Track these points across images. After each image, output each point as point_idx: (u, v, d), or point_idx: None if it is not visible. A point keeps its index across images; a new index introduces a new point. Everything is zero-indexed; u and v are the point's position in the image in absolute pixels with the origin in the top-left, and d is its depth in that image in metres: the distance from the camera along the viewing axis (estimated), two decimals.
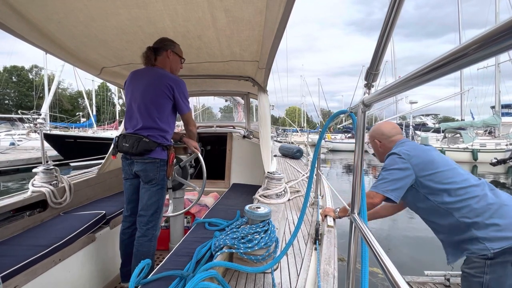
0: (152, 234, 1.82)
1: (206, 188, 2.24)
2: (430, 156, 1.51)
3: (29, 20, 1.60)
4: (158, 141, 1.80)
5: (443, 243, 1.52)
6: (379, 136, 1.76)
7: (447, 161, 1.52)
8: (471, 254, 1.34)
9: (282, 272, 1.41)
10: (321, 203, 2.33)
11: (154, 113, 1.79)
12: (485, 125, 18.26)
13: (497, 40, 0.28)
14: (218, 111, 28.36)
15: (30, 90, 37.88)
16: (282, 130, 34.46)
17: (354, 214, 0.86)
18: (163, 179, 1.85)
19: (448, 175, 1.44)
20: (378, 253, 0.61)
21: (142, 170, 1.79)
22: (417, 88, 0.49)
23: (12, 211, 1.95)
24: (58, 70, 17.02)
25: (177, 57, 1.94)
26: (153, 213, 1.82)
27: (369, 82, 0.80)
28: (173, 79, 1.84)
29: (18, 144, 14.68)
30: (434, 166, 1.47)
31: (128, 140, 1.77)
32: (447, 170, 1.46)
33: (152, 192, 1.81)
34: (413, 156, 1.50)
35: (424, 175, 1.46)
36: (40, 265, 1.56)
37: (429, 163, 1.48)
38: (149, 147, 1.75)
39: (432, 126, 26.44)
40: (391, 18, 0.61)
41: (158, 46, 1.86)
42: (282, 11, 1.29)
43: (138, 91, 1.83)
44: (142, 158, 1.78)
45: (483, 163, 15.42)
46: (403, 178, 1.48)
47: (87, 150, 9.45)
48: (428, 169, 1.47)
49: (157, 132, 1.81)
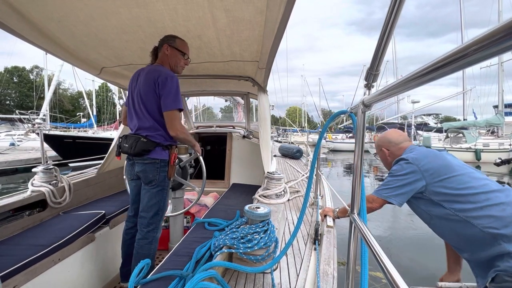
0: (153, 237, 1.79)
1: (206, 188, 2.24)
2: (443, 161, 1.42)
3: (29, 20, 1.60)
4: (157, 140, 1.77)
5: (469, 264, 1.37)
6: (386, 145, 1.68)
7: (462, 166, 1.41)
8: (502, 271, 1.16)
9: (281, 272, 1.41)
10: (321, 203, 2.33)
11: (149, 112, 1.76)
12: (488, 124, 18.03)
13: (498, 40, 0.27)
14: (219, 111, 28.40)
15: (31, 91, 37.89)
16: (283, 130, 34.50)
17: (354, 214, 0.86)
18: (164, 180, 1.81)
19: (463, 179, 1.33)
20: (378, 253, 0.61)
21: (142, 171, 1.77)
22: (418, 88, 0.48)
23: (11, 210, 1.95)
24: (57, 70, 16.94)
25: (175, 51, 1.80)
26: (154, 215, 1.79)
27: (369, 83, 0.80)
28: (161, 73, 1.72)
29: (18, 144, 14.67)
30: (448, 171, 1.37)
31: (128, 141, 1.76)
32: (462, 174, 1.35)
33: (152, 194, 1.78)
34: (422, 161, 1.42)
35: (437, 180, 1.36)
36: (39, 264, 1.56)
37: (441, 168, 1.38)
38: (147, 148, 1.72)
39: (434, 126, 26.39)
40: (392, 18, 0.61)
41: (160, 43, 1.81)
42: (282, 11, 1.28)
43: (134, 91, 1.82)
44: (142, 159, 1.76)
45: (486, 163, 15.21)
46: (409, 184, 1.40)
47: (86, 151, 9.40)
48: (441, 174, 1.37)
49: (155, 132, 1.77)
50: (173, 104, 1.71)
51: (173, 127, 1.74)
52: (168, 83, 1.71)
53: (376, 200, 1.49)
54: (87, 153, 6.50)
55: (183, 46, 1.83)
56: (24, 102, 38.35)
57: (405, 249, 4.45)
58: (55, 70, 17.49)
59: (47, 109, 17.12)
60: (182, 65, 1.89)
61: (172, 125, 1.74)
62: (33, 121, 13.67)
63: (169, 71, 1.79)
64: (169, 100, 1.71)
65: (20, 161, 11.38)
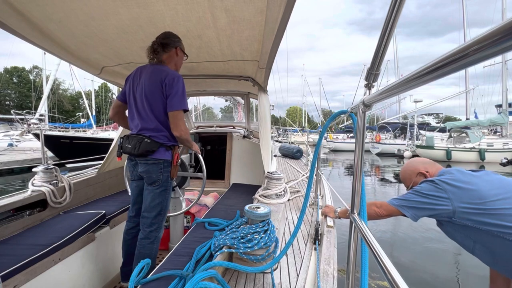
0: (155, 237, 1.79)
1: (206, 188, 2.24)
2: (480, 184, 1.30)
3: (30, 20, 1.60)
4: (161, 141, 1.76)
5: None
6: (423, 167, 1.55)
7: (507, 188, 1.29)
8: None
9: (281, 272, 1.41)
10: (321, 203, 2.33)
11: (154, 113, 1.75)
12: (492, 124, 17.88)
13: (498, 40, 0.27)
14: (219, 111, 28.29)
15: (31, 91, 37.86)
16: (283, 130, 34.47)
17: (354, 214, 0.86)
18: (167, 180, 1.81)
19: (507, 203, 1.23)
20: (378, 253, 0.61)
21: (145, 172, 1.76)
22: (419, 88, 0.48)
23: (12, 210, 1.95)
24: (53, 69, 16.66)
25: (182, 54, 1.88)
26: (157, 215, 1.78)
27: (369, 82, 0.80)
28: (168, 73, 1.72)
29: (16, 145, 14.55)
30: (485, 196, 1.26)
31: (131, 141, 1.75)
32: (505, 198, 1.24)
33: (155, 194, 1.78)
34: (453, 185, 1.31)
35: (470, 207, 1.27)
36: (39, 264, 1.56)
37: (476, 193, 1.28)
38: (150, 148, 1.71)
39: (435, 126, 26.21)
40: (392, 18, 0.61)
41: (167, 42, 1.76)
42: (282, 11, 1.28)
43: (136, 91, 1.80)
44: (145, 159, 1.75)
45: (490, 163, 15.02)
46: (430, 205, 1.33)
47: (84, 151, 9.26)
48: (475, 198, 1.27)
49: (159, 132, 1.76)
50: (179, 105, 1.71)
51: (178, 128, 1.73)
52: (176, 83, 1.71)
53: (384, 206, 1.41)
54: (84, 154, 6.42)
55: (184, 47, 1.88)
56: (24, 103, 38.31)
57: (406, 249, 4.44)
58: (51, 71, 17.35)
59: (45, 109, 16.97)
60: (181, 65, 1.95)
61: (176, 126, 1.73)
62: (29, 121, 13.45)
63: (175, 71, 1.79)
64: (175, 101, 1.70)
65: (16, 162, 11.26)
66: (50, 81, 16.77)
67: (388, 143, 21.82)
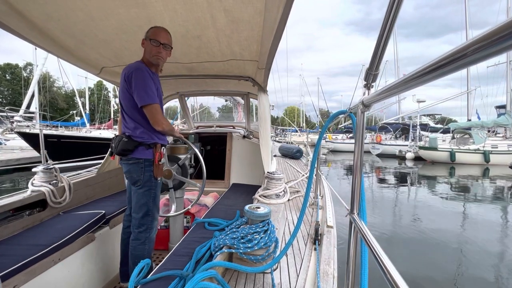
0: (146, 238, 1.77)
1: (206, 188, 2.24)
2: None
3: (29, 19, 1.60)
4: (139, 140, 1.72)
5: None
6: None
7: None
8: None
9: (281, 272, 1.41)
10: (321, 203, 2.33)
11: (126, 112, 1.74)
12: (496, 125, 17.63)
13: (498, 40, 0.27)
14: (216, 110, 28.16)
15: (24, 88, 37.50)
16: (281, 130, 34.40)
17: (354, 214, 0.86)
18: (150, 180, 1.76)
19: None
20: (378, 253, 0.61)
21: (127, 172, 1.76)
22: (416, 89, 0.49)
23: (11, 210, 1.95)
24: (40, 63, 15.36)
25: (147, 42, 1.67)
26: (144, 215, 1.76)
27: (368, 83, 0.80)
28: (129, 69, 1.66)
29: (5, 143, 14.00)
30: None
31: (114, 141, 1.77)
32: None
33: (139, 194, 1.76)
34: None
35: None
36: (39, 264, 1.56)
37: None
38: (126, 147, 1.69)
39: (435, 126, 26.04)
40: (390, 19, 0.61)
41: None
42: (281, 12, 1.28)
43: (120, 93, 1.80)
44: (127, 159, 1.74)
45: (495, 165, 14.79)
46: None
47: (72, 151, 8.92)
48: None
49: (137, 130, 1.72)
50: (147, 98, 1.61)
51: (157, 122, 1.66)
52: (134, 78, 1.62)
53: None
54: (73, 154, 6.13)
55: (154, 34, 1.65)
56: (17, 100, 37.58)
57: (406, 249, 4.45)
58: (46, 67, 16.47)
59: (36, 106, 16.15)
60: (157, 54, 1.69)
61: (155, 120, 1.66)
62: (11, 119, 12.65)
63: (138, 64, 1.68)
64: (141, 94, 1.61)
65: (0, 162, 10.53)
66: (36, 76, 15.66)
67: (389, 144, 21.66)
